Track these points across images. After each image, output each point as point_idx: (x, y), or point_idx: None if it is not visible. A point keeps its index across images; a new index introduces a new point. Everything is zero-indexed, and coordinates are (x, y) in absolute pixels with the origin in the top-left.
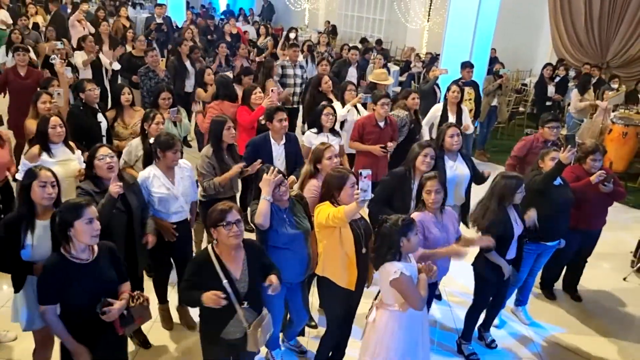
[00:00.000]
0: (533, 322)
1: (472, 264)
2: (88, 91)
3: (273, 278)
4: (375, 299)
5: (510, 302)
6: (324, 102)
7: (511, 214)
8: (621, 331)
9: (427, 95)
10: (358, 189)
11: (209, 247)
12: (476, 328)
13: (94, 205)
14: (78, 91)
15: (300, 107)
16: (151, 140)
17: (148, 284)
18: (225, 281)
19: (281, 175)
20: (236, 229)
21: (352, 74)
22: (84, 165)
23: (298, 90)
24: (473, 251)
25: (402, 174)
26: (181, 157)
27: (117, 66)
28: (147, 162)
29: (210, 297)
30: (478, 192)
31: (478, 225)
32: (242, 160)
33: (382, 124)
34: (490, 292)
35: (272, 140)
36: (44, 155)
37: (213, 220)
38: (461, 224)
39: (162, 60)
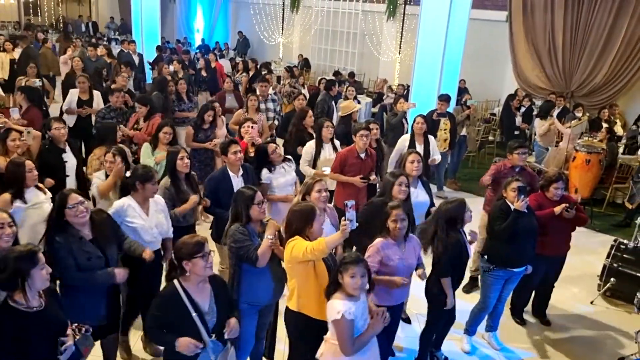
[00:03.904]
0: (504, 347)
1: (425, 287)
2: (55, 130)
3: (232, 321)
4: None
5: (481, 327)
6: (272, 144)
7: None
8: (589, 354)
9: (395, 128)
10: (345, 219)
11: (175, 281)
12: None
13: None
14: (46, 129)
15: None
16: (127, 174)
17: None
18: (194, 314)
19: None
20: (211, 260)
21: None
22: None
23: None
24: None
25: (381, 204)
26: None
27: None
28: (123, 194)
29: (186, 345)
30: None
31: (433, 251)
32: (204, 195)
33: (363, 155)
34: (444, 312)
35: (231, 173)
36: (17, 202)
37: (189, 252)
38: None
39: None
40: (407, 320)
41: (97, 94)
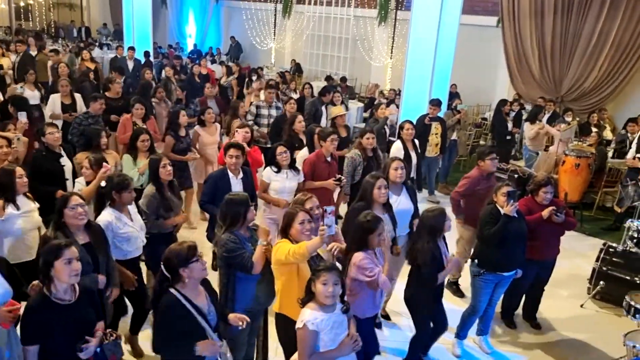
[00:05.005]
0: (494, 351)
1: (404, 298)
2: (49, 135)
3: (233, 316)
4: None
5: (472, 331)
6: (281, 146)
7: (441, 246)
8: (579, 356)
9: (378, 135)
10: (323, 224)
11: (172, 290)
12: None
13: (74, 246)
14: (39, 135)
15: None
16: (102, 184)
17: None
18: (200, 318)
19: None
20: (205, 261)
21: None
22: None
23: None
24: None
25: (363, 208)
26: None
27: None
28: (99, 206)
29: (207, 346)
30: None
31: (411, 258)
32: (202, 194)
33: (329, 159)
34: (428, 319)
35: (230, 174)
36: (9, 208)
37: (184, 259)
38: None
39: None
40: (387, 317)
41: (78, 96)
